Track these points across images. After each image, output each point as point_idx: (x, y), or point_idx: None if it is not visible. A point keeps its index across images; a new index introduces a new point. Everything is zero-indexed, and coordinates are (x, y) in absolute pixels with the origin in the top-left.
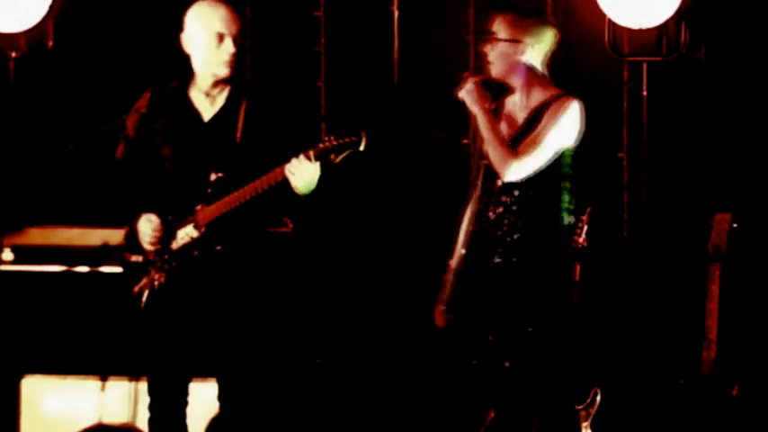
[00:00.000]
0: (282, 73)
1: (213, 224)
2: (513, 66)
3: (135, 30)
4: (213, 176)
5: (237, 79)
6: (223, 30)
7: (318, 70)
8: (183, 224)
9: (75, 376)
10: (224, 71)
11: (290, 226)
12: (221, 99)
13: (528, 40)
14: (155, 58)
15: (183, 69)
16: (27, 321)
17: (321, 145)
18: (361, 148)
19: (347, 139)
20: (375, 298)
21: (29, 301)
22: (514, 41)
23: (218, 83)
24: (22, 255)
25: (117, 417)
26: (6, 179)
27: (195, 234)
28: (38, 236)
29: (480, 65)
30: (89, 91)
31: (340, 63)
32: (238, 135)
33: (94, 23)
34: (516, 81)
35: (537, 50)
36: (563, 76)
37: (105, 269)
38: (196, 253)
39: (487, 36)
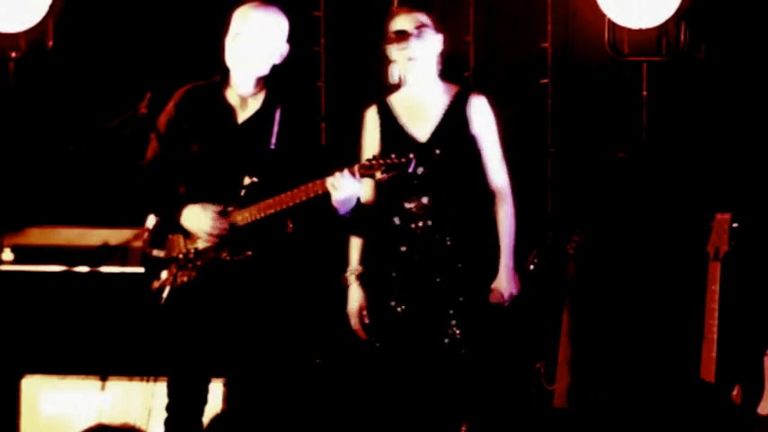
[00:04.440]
0: (282, 73)
1: (244, 228)
2: None
3: (135, 30)
4: (247, 180)
5: (274, 83)
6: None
7: (318, 70)
8: None
9: (75, 376)
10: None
11: (290, 226)
12: (256, 102)
13: None
14: (155, 58)
15: (187, 72)
16: (27, 321)
17: (367, 162)
18: (410, 170)
19: (396, 161)
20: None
21: (29, 301)
22: None
23: (256, 85)
24: (22, 255)
25: (117, 417)
26: (6, 179)
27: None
28: (38, 236)
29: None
30: (89, 91)
31: (340, 63)
32: (273, 141)
33: (94, 23)
34: None
35: None
36: (563, 76)
37: (105, 269)
38: (225, 255)
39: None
